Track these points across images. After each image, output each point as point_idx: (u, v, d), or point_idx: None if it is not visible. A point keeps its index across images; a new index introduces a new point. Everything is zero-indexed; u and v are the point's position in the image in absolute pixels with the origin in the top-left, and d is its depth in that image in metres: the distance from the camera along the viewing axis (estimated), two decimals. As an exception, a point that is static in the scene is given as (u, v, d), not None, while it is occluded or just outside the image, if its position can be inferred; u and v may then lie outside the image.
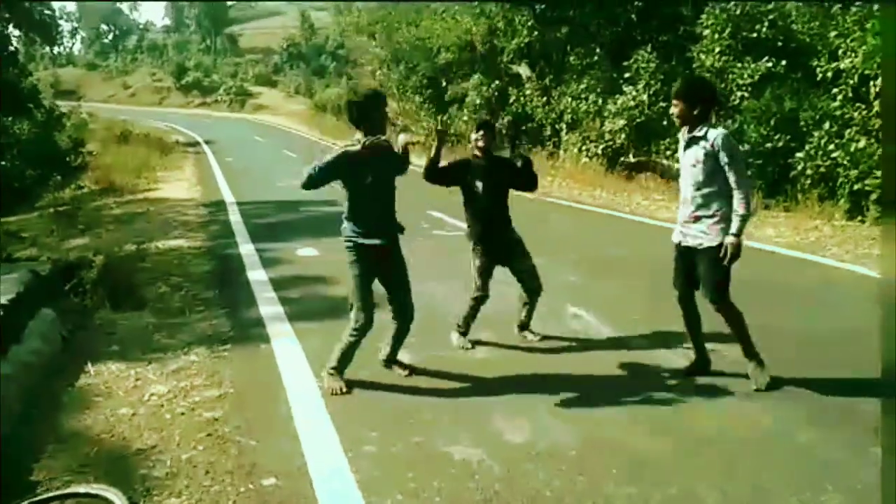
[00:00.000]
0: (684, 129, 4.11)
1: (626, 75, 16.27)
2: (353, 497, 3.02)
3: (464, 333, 4.97)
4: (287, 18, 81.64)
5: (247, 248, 8.64)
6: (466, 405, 3.98)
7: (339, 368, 4.21)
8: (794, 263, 7.22)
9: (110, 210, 12.69)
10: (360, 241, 4.11)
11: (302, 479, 3.18)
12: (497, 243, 4.86)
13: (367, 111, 4.06)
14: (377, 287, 4.26)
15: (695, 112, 4.03)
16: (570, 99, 19.26)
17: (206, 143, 29.16)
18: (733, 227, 3.96)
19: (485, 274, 4.87)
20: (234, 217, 11.18)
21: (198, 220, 11.24)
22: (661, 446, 3.45)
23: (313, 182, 4.08)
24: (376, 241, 4.11)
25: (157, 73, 70.35)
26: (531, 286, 4.94)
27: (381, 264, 4.19)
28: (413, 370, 4.45)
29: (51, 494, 2.95)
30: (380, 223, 4.14)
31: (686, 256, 4.22)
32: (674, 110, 4.14)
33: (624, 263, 7.36)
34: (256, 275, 7.23)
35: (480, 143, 4.85)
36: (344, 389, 4.14)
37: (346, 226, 4.20)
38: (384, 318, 4.36)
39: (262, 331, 5.35)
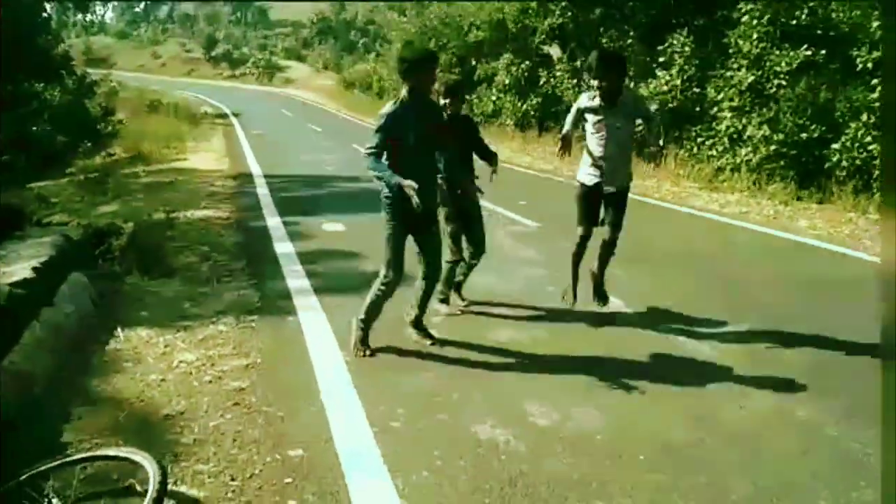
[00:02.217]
0: (597, 98, 4.73)
1: (661, 59, 15.96)
2: (380, 472, 3.02)
3: (445, 300, 5.13)
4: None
5: (273, 221, 8.66)
6: (492, 385, 3.96)
7: (367, 321, 4.33)
8: (826, 256, 7.09)
9: (139, 178, 12.77)
10: (399, 199, 4.10)
11: (328, 452, 3.19)
12: (464, 205, 4.93)
13: (416, 68, 4.10)
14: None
15: (620, 85, 4.79)
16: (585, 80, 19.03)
17: (234, 115, 29.25)
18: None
19: (457, 237, 4.98)
20: (262, 190, 11.20)
21: (225, 191, 11.28)
22: (690, 435, 3.41)
23: (375, 155, 4.14)
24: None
25: (188, 43, 70.54)
26: (481, 250, 5.11)
27: (418, 225, 4.23)
28: (437, 340, 4.51)
29: (81, 456, 2.97)
30: (421, 183, 4.03)
31: (600, 198, 4.94)
32: (596, 88, 4.73)
33: (653, 250, 7.28)
34: (283, 247, 7.25)
35: (449, 111, 4.80)
36: (368, 353, 4.28)
37: (373, 162, 4.21)
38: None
39: (289, 303, 5.36)
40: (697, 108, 15.54)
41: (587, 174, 4.94)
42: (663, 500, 2.89)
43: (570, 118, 5.01)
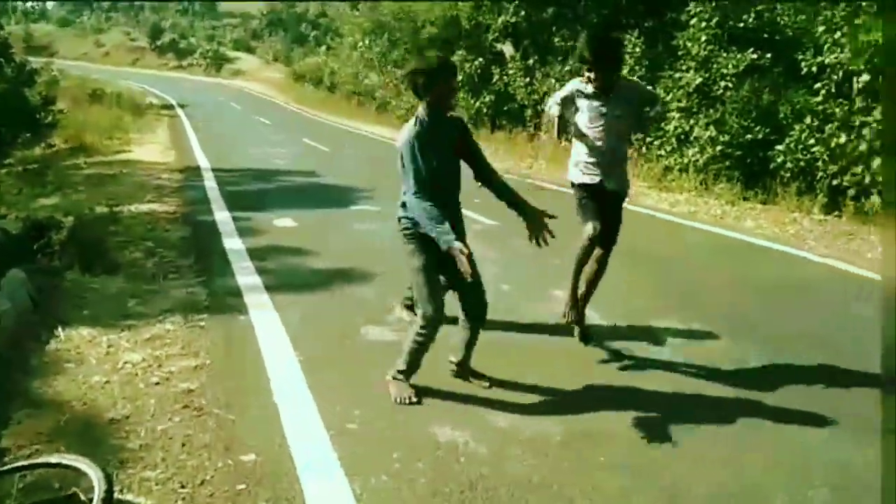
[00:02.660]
0: (590, 86, 4.20)
1: (611, 59, 16.12)
2: (337, 477, 2.94)
3: (412, 306, 4.42)
4: (268, -17, 79.95)
5: (222, 216, 8.46)
6: (450, 387, 3.89)
7: (408, 374, 3.70)
8: (775, 256, 7.23)
9: (81, 170, 12.35)
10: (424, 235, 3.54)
11: (282, 456, 3.09)
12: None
13: (435, 80, 3.45)
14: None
15: (617, 73, 4.28)
16: (553, 80, 19.14)
17: (181, 106, 28.61)
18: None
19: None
20: (209, 183, 10.94)
21: (171, 184, 10.99)
22: (652, 437, 3.40)
23: (422, 196, 3.49)
24: None
25: (132, 32, 68.66)
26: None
27: (446, 255, 3.44)
28: (492, 382, 3.87)
29: (20, 464, 2.81)
30: (445, 210, 3.50)
31: (601, 197, 4.38)
32: (592, 80, 4.17)
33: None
34: (232, 243, 7.07)
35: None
36: (414, 399, 3.62)
37: (405, 212, 3.61)
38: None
39: (239, 301, 5.22)
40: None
41: (584, 173, 4.37)
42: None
43: (555, 103, 4.31)
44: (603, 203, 4.37)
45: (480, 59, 21.60)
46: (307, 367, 4.00)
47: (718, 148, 13.05)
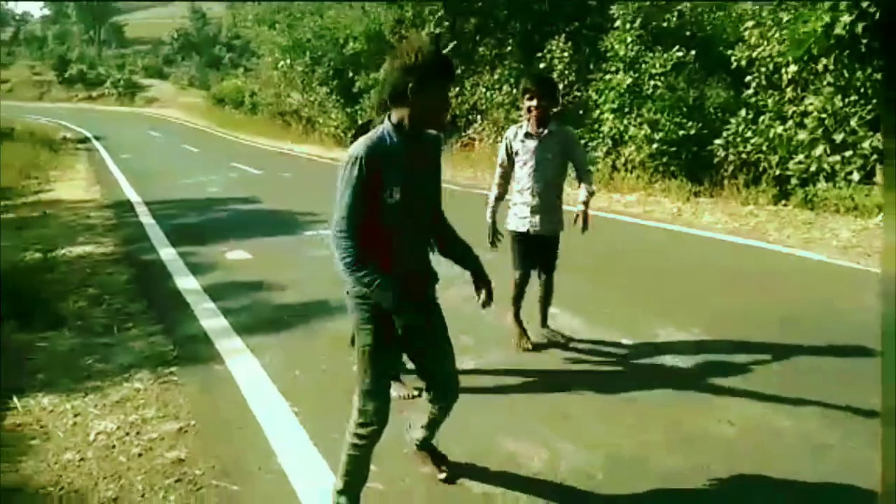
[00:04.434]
0: (528, 126, 4.42)
1: (541, 66, 16.31)
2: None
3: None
4: (176, 7, 78.14)
5: (167, 253, 7.93)
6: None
7: (350, 487, 2.76)
8: (744, 251, 7.22)
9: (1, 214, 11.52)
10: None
11: (304, 528, 2.75)
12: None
13: (425, 83, 2.42)
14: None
15: (553, 110, 4.48)
16: (483, 90, 19.14)
17: (97, 138, 27.42)
18: (583, 197, 4.42)
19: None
20: (146, 219, 10.33)
21: (104, 222, 10.31)
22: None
23: (350, 237, 2.47)
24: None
25: (37, 66, 65.86)
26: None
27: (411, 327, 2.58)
28: (455, 475, 3.08)
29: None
30: (411, 271, 2.66)
31: (533, 242, 4.57)
32: (532, 108, 4.36)
33: (578, 256, 7.17)
34: (186, 282, 6.60)
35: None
36: None
37: (354, 273, 2.50)
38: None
39: (210, 348, 4.80)
40: (581, 112, 15.89)
41: (518, 219, 4.55)
42: None
43: (497, 173, 4.58)
44: (534, 243, 4.59)
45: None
46: (306, 420, 3.63)
47: (654, 146, 13.25)
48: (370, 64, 23.42)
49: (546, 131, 4.41)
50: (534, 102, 4.35)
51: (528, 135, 4.45)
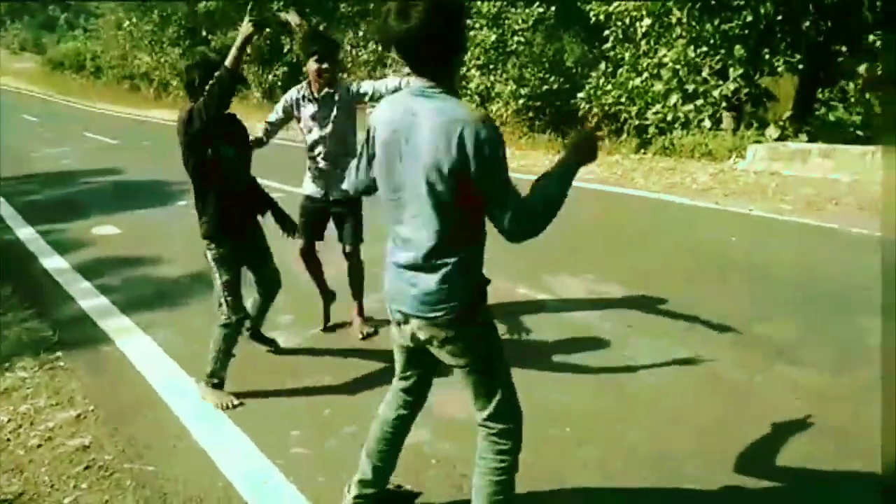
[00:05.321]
0: (311, 89, 4.06)
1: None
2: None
3: (219, 384, 3.53)
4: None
5: (26, 232, 7.39)
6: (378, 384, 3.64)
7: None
8: (613, 198, 7.62)
9: None
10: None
11: (232, 499, 2.71)
12: (249, 240, 3.70)
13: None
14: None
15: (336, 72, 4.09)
16: (349, 48, 18.81)
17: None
18: None
19: (235, 289, 3.57)
20: (-7, 197, 9.51)
21: (-56, 204, 9.41)
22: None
23: None
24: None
25: None
26: (275, 287, 3.89)
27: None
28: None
29: None
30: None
31: (322, 210, 4.21)
32: (322, 73, 3.95)
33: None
34: (53, 262, 6.19)
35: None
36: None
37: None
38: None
39: (94, 329, 4.55)
40: (449, 69, 15.95)
41: (310, 184, 4.23)
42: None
43: (273, 116, 4.22)
44: (325, 212, 4.23)
45: (268, 30, 20.65)
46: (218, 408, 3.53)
47: (521, 101, 13.63)
48: (225, 22, 22.40)
49: (330, 92, 4.04)
50: (325, 65, 3.95)
51: (312, 99, 4.10)
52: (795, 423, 3.11)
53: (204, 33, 23.02)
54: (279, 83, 20.33)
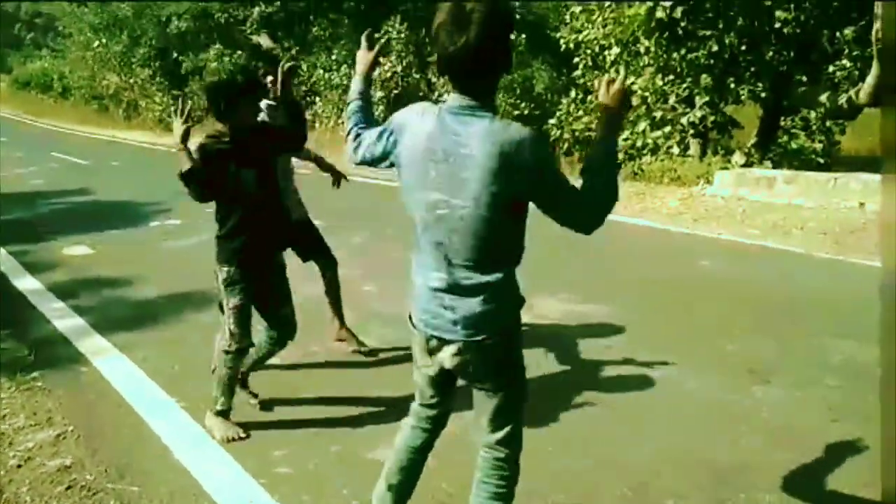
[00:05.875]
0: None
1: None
2: (292, 527, 2.65)
3: (224, 412, 3.38)
4: (-40, -20, 69.87)
5: (-5, 254, 7.29)
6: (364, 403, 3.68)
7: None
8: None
9: None
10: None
11: (218, 519, 2.72)
12: (267, 269, 3.39)
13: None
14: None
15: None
16: (321, 71, 18.92)
17: None
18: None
19: (243, 318, 3.30)
20: (-41, 217, 9.37)
21: None
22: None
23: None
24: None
25: None
26: (289, 332, 3.54)
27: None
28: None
29: None
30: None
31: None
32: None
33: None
34: (26, 283, 6.13)
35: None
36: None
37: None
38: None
39: (70, 349, 4.51)
40: (421, 94, 16.14)
41: None
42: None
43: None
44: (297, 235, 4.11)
45: (240, 53, 20.71)
46: (195, 412, 3.54)
47: (492, 127, 13.77)
48: (196, 44, 22.39)
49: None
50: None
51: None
52: (767, 438, 3.21)
53: (175, 55, 22.96)
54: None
